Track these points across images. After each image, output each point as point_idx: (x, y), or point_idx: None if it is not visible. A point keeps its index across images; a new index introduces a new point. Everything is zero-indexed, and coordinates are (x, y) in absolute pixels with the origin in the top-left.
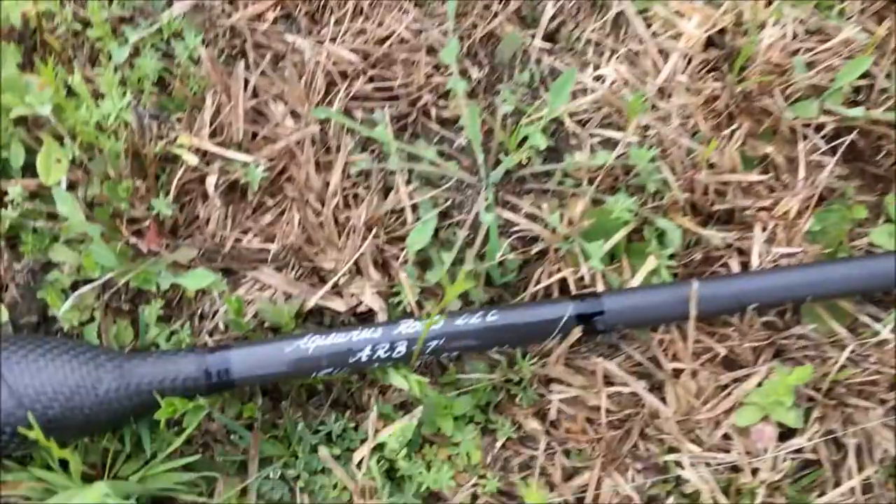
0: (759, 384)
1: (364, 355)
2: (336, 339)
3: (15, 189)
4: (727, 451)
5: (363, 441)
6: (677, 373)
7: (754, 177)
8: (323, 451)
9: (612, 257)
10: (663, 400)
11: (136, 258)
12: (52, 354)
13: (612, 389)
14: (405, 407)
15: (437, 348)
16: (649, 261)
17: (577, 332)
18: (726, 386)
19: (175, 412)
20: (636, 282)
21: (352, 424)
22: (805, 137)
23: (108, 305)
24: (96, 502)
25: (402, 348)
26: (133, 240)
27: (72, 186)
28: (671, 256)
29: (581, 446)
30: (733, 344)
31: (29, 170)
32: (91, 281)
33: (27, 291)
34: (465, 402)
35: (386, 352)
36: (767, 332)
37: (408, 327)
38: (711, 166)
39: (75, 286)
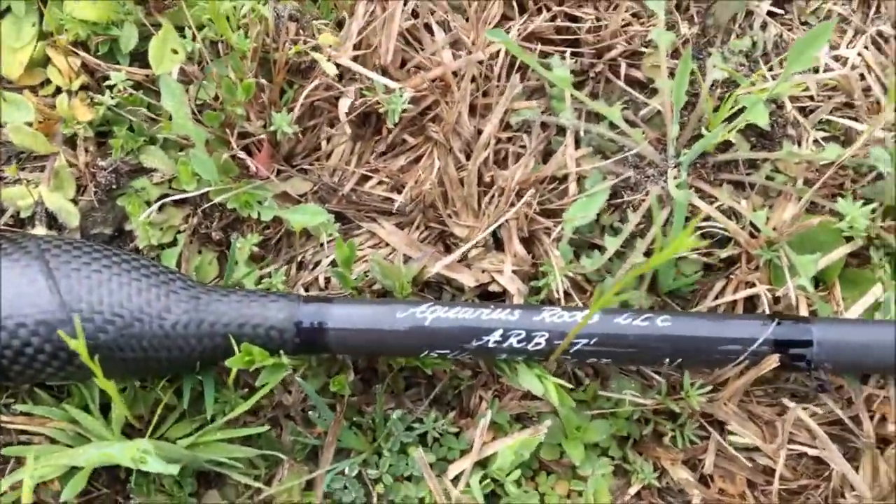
0: None
1: (493, 340)
2: (462, 314)
3: (118, 75)
4: None
5: (464, 452)
6: (884, 442)
7: None
8: (418, 453)
9: (816, 282)
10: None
11: (240, 179)
12: (118, 268)
13: (794, 448)
14: (524, 421)
15: (586, 350)
16: (874, 289)
17: (772, 361)
18: None
19: (251, 364)
20: (852, 315)
21: (453, 429)
22: None
23: (197, 230)
24: (128, 460)
25: (541, 341)
26: (242, 157)
27: (185, 84)
28: None
29: None
30: None
31: (140, 59)
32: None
33: (107, 197)
34: (602, 427)
35: (521, 341)
36: None
37: (553, 316)
38: None
39: (163, 202)
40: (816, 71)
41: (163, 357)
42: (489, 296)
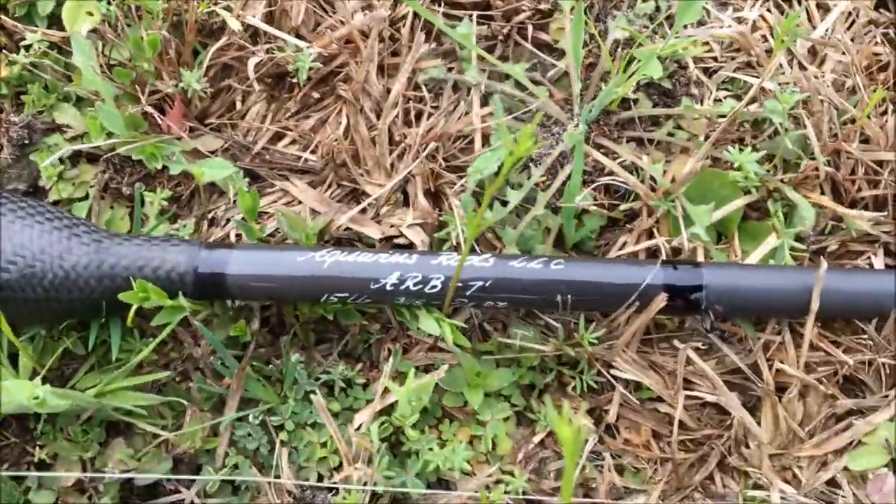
0: (891, 419)
1: (390, 283)
2: (360, 258)
3: (34, 35)
4: (831, 502)
5: (370, 402)
6: (781, 388)
7: None
8: (317, 399)
9: (719, 236)
10: (757, 423)
11: (150, 134)
12: (22, 212)
13: (693, 395)
14: (431, 372)
15: (481, 294)
16: (769, 239)
17: (660, 301)
18: (843, 416)
19: (145, 301)
20: (749, 262)
21: (361, 380)
22: None
23: (108, 185)
24: (25, 398)
25: (437, 283)
26: (152, 112)
27: (98, 45)
28: (798, 239)
29: (640, 465)
30: (863, 359)
31: (58, 23)
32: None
33: (21, 153)
34: (503, 375)
35: (417, 284)
36: None
37: (449, 260)
38: (865, 141)
39: (77, 159)
40: (720, 29)
41: (64, 298)
42: (398, 249)
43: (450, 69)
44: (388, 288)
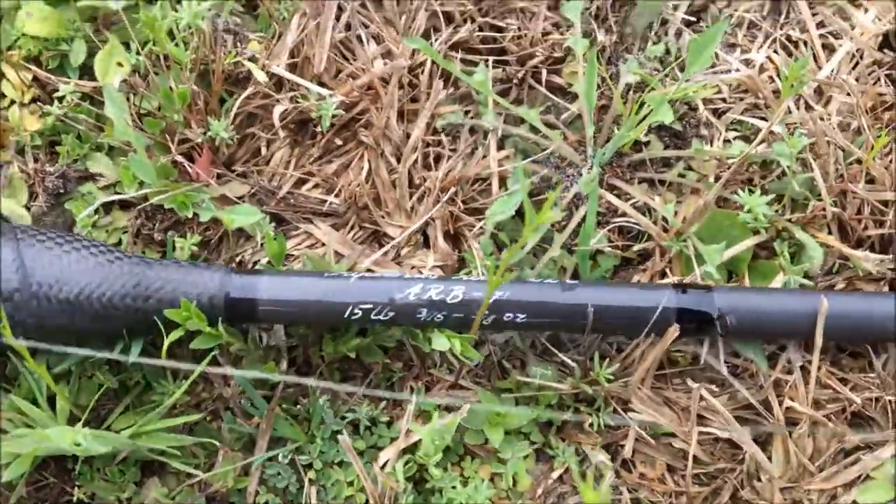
0: None
1: (413, 293)
2: (385, 275)
3: (67, 87)
4: None
5: (394, 440)
6: (792, 423)
7: None
8: (343, 439)
9: (730, 274)
10: (768, 458)
11: (180, 181)
12: (51, 242)
13: (706, 431)
14: (453, 410)
15: (500, 309)
16: (778, 277)
17: (673, 333)
18: (852, 451)
19: (187, 320)
20: None
21: (385, 418)
22: None
23: (140, 231)
24: (67, 443)
25: (458, 293)
26: (182, 161)
27: (129, 95)
28: (807, 277)
29: (655, 498)
30: (870, 396)
31: (88, 73)
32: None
33: (55, 202)
34: (523, 414)
35: (439, 294)
36: None
37: (470, 279)
38: (871, 181)
39: (110, 207)
40: (728, 72)
41: (99, 325)
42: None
43: (467, 112)
44: (412, 299)
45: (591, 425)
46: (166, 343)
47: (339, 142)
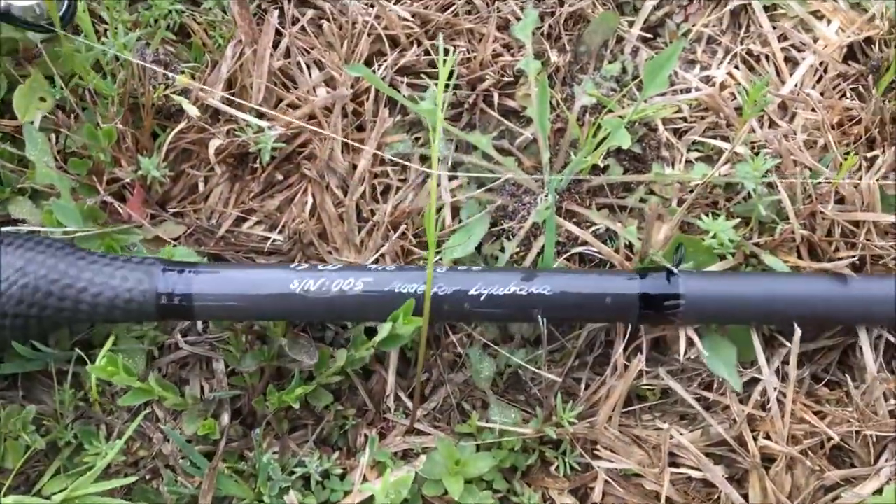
0: (879, 491)
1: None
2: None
3: None
4: None
5: (348, 494)
6: (769, 459)
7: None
8: (290, 499)
9: None
10: (745, 497)
11: (110, 224)
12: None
13: (679, 472)
14: (410, 458)
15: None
16: None
17: (637, 366)
18: (832, 488)
19: (113, 376)
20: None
21: (338, 470)
22: None
23: None
24: None
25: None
26: (111, 201)
27: (53, 133)
28: None
29: None
30: (849, 430)
31: (9, 109)
32: None
33: None
34: (484, 460)
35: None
36: None
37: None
38: (840, 201)
39: None
40: (689, 93)
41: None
42: (369, 331)
43: (416, 139)
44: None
45: (557, 469)
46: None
47: (280, 176)
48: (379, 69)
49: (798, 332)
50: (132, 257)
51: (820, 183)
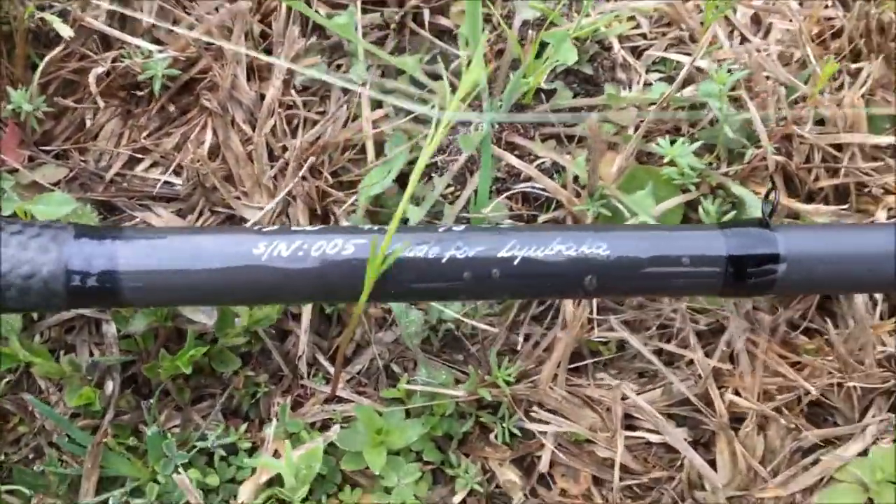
0: (864, 452)
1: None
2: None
3: None
4: None
5: (255, 470)
6: (738, 419)
7: (883, 139)
8: (181, 479)
9: None
10: (712, 463)
11: None
12: None
13: (635, 436)
14: (330, 428)
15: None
16: None
17: (581, 317)
18: (811, 449)
19: None
20: None
21: (246, 444)
22: None
23: None
24: None
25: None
26: None
27: None
28: None
29: None
30: (830, 383)
31: None
32: None
33: None
34: (412, 428)
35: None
36: (889, 371)
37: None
38: (820, 122)
39: None
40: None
41: None
42: None
43: (335, 65)
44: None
45: (496, 436)
46: None
47: (178, 110)
48: None
49: None
50: (33, 221)
51: (796, 101)
